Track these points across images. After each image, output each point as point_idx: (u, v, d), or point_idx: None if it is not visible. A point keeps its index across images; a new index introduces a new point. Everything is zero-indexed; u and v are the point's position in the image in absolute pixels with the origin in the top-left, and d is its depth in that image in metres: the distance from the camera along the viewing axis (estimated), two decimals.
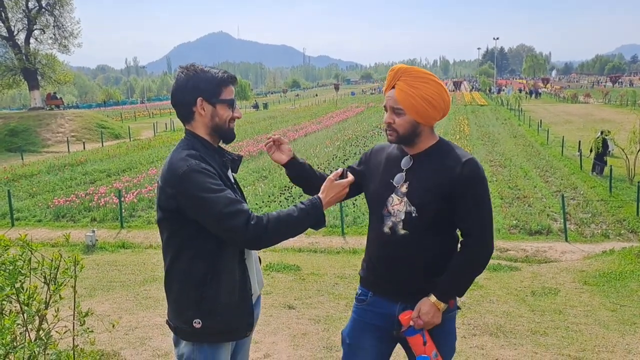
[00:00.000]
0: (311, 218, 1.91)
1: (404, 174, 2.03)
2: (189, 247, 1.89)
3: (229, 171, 2.05)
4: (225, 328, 1.93)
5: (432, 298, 2.00)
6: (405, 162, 2.05)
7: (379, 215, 2.05)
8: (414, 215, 1.98)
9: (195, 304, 1.89)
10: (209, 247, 1.88)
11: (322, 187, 1.98)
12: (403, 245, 2.01)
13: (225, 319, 1.91)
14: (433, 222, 1.99)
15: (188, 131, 1.99)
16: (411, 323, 2.00)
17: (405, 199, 2.00)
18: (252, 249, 1.98)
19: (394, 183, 2.03)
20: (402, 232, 1.99)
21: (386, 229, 2.02)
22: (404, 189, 2.01)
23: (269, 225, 1.82)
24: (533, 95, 58.63)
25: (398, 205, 2.01)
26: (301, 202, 1.94)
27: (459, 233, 2.10)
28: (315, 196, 1.96)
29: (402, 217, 1.99)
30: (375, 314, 2.13)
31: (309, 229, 1.96)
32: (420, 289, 2.03)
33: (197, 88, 1.92)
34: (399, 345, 2.20)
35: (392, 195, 2.03)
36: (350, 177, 2.03)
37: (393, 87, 2.01)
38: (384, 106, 2.04)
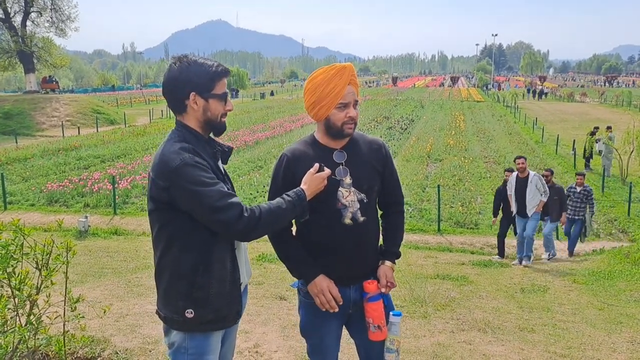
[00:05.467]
0: (297, 210, 1.99)
1: (343, 167, 2.17)
2: (180, 239, 1.90)
3: (219, 162, 2.06)
4: (216, 317, 1.95)
5: (388, 263, 2.26)
6: (339, 156, 2.18)
7: (333, 210, 2.15)
8: (365, 201, 2.18)
9: (187, 294, 1.90)
10: (200, 239, 1.89)
11: (304, 180, 2.07)
12: (364, 231, 2.19)
13: (216, 308, 1.94)
14: (375, 201, 2.28)
15: (179, 122, 1.98)
16: (383, 290, 2.19)
17: (353, 188, 2.16)
18: (244, 241, 2.01)
19: (337, 177, 2.15)
20: (362, 219, 2.17)
21: (347, 220, 2.15)
22: (348, 180, 2.16)
23: (262, 217, 1.87)
24: (536, 96, 54.24)
25: (349, 197, 2.15)
26: (287, 194, 2.00)
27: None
28: (299, 188, 2.03)
29: (358, 206, 2.16)
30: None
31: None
32: (375, 264, 2.27)
33: (190, 82, 1.89)
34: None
35: (339, 189, 2.15)
36: (327, 170, 2.13)
37: (348, 84, 2.13)
38: (344, 103, 2.12)
